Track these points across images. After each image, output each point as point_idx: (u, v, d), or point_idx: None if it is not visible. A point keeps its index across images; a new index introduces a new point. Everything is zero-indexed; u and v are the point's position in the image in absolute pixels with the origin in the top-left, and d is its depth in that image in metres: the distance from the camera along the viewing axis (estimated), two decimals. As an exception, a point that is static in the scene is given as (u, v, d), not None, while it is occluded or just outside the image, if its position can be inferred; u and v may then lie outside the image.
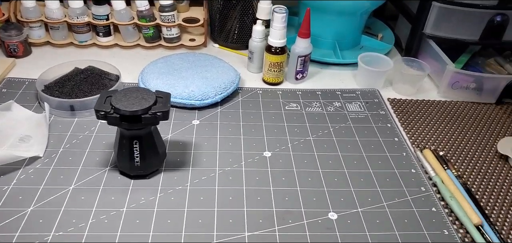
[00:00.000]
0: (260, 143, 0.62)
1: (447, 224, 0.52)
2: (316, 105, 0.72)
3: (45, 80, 0.67)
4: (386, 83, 0.79)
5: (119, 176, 0.54)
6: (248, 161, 0.59)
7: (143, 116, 0.49)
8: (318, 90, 0.76)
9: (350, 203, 0.54)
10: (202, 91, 0.66)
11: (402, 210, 0.53)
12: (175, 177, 0.55)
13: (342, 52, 0.85)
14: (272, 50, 0.73)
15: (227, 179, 0.56)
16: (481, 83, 0.75)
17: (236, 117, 0.67)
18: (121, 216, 0.49)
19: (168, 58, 0.75)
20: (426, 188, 0.57)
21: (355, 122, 0.69)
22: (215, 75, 0.70)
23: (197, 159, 0.58)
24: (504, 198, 0.56)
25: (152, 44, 0.83)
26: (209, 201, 0.52)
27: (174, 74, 0.70)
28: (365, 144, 0.64)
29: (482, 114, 0.74)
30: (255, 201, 0.53)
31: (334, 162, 0.60)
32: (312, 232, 0.49)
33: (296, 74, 0.76)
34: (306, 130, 0.66)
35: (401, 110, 0.73)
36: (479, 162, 0.63)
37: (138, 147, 0.52)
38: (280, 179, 0.56)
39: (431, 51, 0.80)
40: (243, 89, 0.75)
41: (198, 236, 0.47)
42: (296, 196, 0.54)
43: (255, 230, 0.49)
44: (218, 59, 0.76)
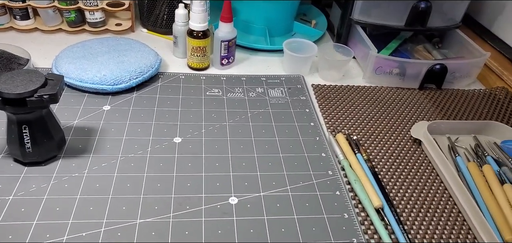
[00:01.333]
0: (171, 129, 0.61)
1: (348, 208, 0.52)
2: (238, 91, 0.71)
3: None
4: (313, 69, 0.79)
5: (12, 163, 0.52)
6: (155, 147, 0.57)
7: (29, 100, 0.47)
8: (243, 76, 0.75)
9: (253, 187, 0.53)
10: (115, 76, 0.64)
11: (305, 193, 0.53)
12: (73, 163, 0.53)
13: (273, 39, 0.84)
14: (194, 35, 0.71)
15: (129, 165, 0.54)
16: (404, 68, 0.76)
17: (151, 103, 0.65)
18: (5, 205, 0.46)
19: (87, 43, 0.72)
20: (333, 172, 0.57)
21: (275, 107, 0.68)
22: (133, 60, 0.68)
23: (100, 146, 0.56)
24: (409, 182, 0.57)
25: (75, 29, 0.80)
26: (104, 188, 0.50)
27: (89, 59, 0.67)
28: (280, 129, 0.63)
29: (404, 99, 0.75)
30: (154, 188, 0.51)
31: (245, 147, 0.59)
32: (209, 217, 0.48)
33: (221, 60, 0.75)
34: (223, 115, 0.65)
35: (323, 96, 0.73)
36: (392, 147, 0.64)
37: (28, 132, 0.49)
38: (185, 165, 0.55)
39: (359, 37, 0.81)
40: (165, 74, 0.73)
41: (86, 223, 0.46)
42: (199, 182, 0.53)
43: (148, 217, 0.48)
44: (140, 44, 0.74)
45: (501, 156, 0.63)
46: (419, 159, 0.62)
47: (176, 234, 0.46)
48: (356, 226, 0.50)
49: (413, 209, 0.53)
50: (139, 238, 0.45)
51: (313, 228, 0.49)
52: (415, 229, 0.51)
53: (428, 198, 0.55)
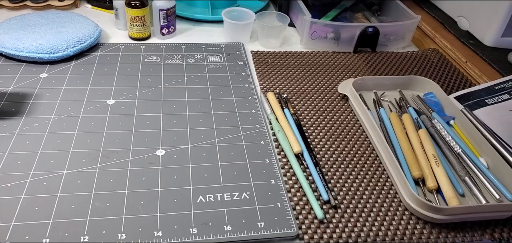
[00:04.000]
0: (106, 92, 0.63)
1: (270, 155, 0.55)
2: (177, 57, 0.74)
3: None
4: (254, 37, 0.82)
5: None
6: (88, 108, 0.59)
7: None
8: (183, 44, 0.78)
9: (181, 141, 0.56)
10: (52, 45, 0.66)
11: (231, 144, 0.56)
12: (4, 125, 0.55)
13: (217, 10, 0.87)
14: (131, 4, 0.73)
15: (61, 125, 0.56)
16: (339, 33, 0.80)
17: (89, 70, 0.67)
18: None
19: (26, 16, 0.73)
20: (261, 125, 0.60)
21: (212, 72, 0.71)
22: (71, 30, 0.70)
23: (34, 108, 0.58)
24: (332, 133, 0.61)
25: (16, 5, 0.81)
26: (34, 144, 0.52)
27: (26, 30, 0.68)
28: (215, 91, 0.66)
29: (338, 62, 0.79)
30: (83, 143, 0.53)
31: (178, 107, 0.62)
32: (134, 167, 0.51)
33: (161, 29, 0.77)
34: (159, 80, 0.67)
35: (261, 61, 0.76)
36: (320, 103, 0.67)
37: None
38: (116, 124, 0.57)
39: (298, 7, 0.84)
40: (105, 44, 0.74)
41: (12, 175, 0.48)
42: (128, 137, 0.55)
43: (74, 168, 0.50)
44: (80, 16, 0.75)
45: (422, 107, 0.68)
46: (344, 113, 0.66)
47: (101, 182, 0.49)
48: (275, 170, 0.53)
49: (332, 155, 0.57)
50: (65, 187, 0.47)
51: (234, 172, 0.52)
52: (332, 172, 0.55)
53: (348, 145, 0.59)
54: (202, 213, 0.46)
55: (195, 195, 0.49)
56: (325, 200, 0.50)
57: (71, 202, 0.46)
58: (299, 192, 0.51)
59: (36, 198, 0.46)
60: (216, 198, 0.49)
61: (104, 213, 0.45)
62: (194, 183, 0.50)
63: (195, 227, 0.45)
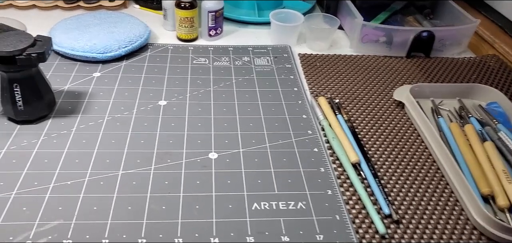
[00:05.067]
0: (157, 93, 0.63)
1: (325, 163, 0.53)
2: (225, 60, 0.73)
3: None
4: (301, 40, 0.80)
5: (6, 122, 0.55)
6: (141, 109, 0.60)
7: (18, 58, 0.50)
8: (230, 46, 0.77)
9: (233, 144, 0.55)
10: (105, 44, 0.67)
11: (283, 150, 0.55)
12: (62, 122, 0.56)
13: (263, 11, 0.86)
14: (181, 5, 0.73)
15: (115, 124, 0.56)
16: (391, 37, 0.76)
17: (139, 70, 0.68)
18: (-3, 157, 0.50)
19: (80, 16, 0.75)
20: (313, 132, 0.58)
21: (260, 74, 0.70)
22: (122, 30, 0.71)
23: (89, 107, 0.59)
24: (390, 142, 0.58)
25: (70, 5, 0.83)
26: (90, 143, 0.53)
27: (81, 30, 0.70)
28: (264, 94, 0.65)
29: (390, 67, 0.75)
30: (137, 144, 0.54)
31: (228, 109, 0.61)
32: (188, 170, 0.51)
33: (209, 31, 0.76)
34: (208, 82, 0.67)
35: (309, 64, 0.74)
36: (374, 110, 0.64)
37: (20, 91, 0.52)
38: (169, 125, 0.57)
39: (347, 9, 0.81)
40: (154, 45, 0.75)
41: (71, 173, 0.48)
42: (181, 139, 0.55)
43: (130, 168, 0.50)
44: (130, 17, 0.76)
45: (485, 117, 0.63)
46: (401, 120, 0.63)
47: (156, 184, 0.48)
48: (331, 179, 0.51)
49: (391, 166, 0.54)
50: (121, 187, 0.48)
51: (289, 180, 0.50)
52: (391, 184, 0.52)
53: (407, 156, 0.56)
54: (257, 221, 0.45)
55: (250, 202, 0.47)
56: (386, 214, 0.48)
57: (128, 203, 0.46)
58: (358, 204, 0.49)
59: (94, 197, 0.46)
60: (271, 206, 0.47)
61: (160, 216, 0.45)
62: (248, 189, 0.49)
63: (251, 235, 0.44)
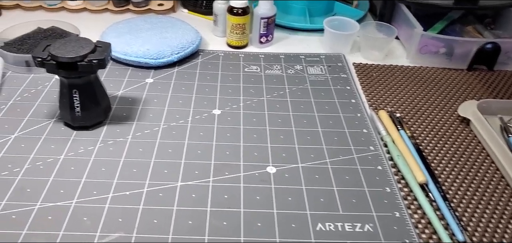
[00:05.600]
0: (211, 102, 0.62)
1: (390, 182, 0.50)
2: (277, 68, 0.71)
3: (5, 38, 0.68)
4: (354, 49, 0.77)
5: (63, 127, 0.55)
6: (196, 117, 0.58)
7: (80, 64, 0.49)
8: (281, 54, 0.75)
9: (291, 158, 0.52)
10: (158, 50, 0.66)
11: (345, 167, 0.52)
12: (118, 129, 0.55)
13: (312, 18, 0.83)
14: (233, 11, 0.71)
15: (170, 133, 0.55)
16: (452, 48, 0.72)
17: (192, 77, 0.66)
18: (57, 163, 0.49)
19: (131, 20, 0.74)
20: (375, 147, 0.55)
21: (314, 84, 0.67)
22: (174, 36, 0.70)
23: (143, 114, 0.58)
24: (456, 161, 0.54)
25: (120, 9, 0.83)
26: (147, 152, 0.52)
27: (132, 34, 0.69)
28: (320, 105, 0.62)
29: (451, 80, 0.71)
30: (194, 154, 0.52)
31: (283, 120, 0.59)
32: (247, 184, 0.49)
33: (260, 38, 0.74)
34: (261, 91, 0.65)
35: (365, 74, 0.71)
36: (437, 125, 0.60)
37: (78, 97, 0.52)
38: (224, 135, 0.56)
39: (403, 17, 0.78)
40: (204, 51, 0.74)
41: (129, 184, 0.47)
42: (237, 150, 0.53)
43: (188, 180, 0.49)
44: (181, 22, 0.75)
45: (561, 139, 0.58)
46: (467, 138, 0.58)
47: (216, 198, 0.47)
48: (398, 200, 0.48)
49: (460, 187, 0.50)
50: (180, 199, 0.46)
51: (353, 200, 0.47)
52: (462, 207, 0.48)
53: (477, 177, 0.52)
54: (324, 244, 0.43)
55: (314, 222, 0.45)
56: (460, 241, 0.44)
57: (188, 217, 0.44)
58: (428, 228, 0.45)
59: (154, 210, 0.45)
60: (337, 227, 0.44)
61: (222, 233, 0.43)
62: (311, 207, 0.46)
63: (319, 259, 0.41)
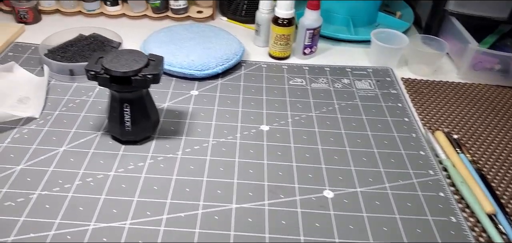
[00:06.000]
0: (258, 116, 0.59)
1: (455, 211, 0.47)
2: (322, 81, 0.68)
3: (48, 45, 0.67)
4: (401, 62, 0.74)
5: (111, 141, 0.53)
6: (244, 133, 0.56)
7: (133, 78, 0.48)
8: (326, 66, 0.72)
9: (348, 182, 0.50)
10: (203, 61, 0.64)
11: (405, 192, 0.49)
12: (167, 145, 0.54)
13: (356, 29, 0.80)
14: (278, 22, 0.69)
15: (220, 150, 0.53)
16: (508, 64, 0.68)
17: (236, 90, 0.65)
18: (107, 180, 0.48)
19: (172, 28, 0.73)
20: (435, 172, 0.52)
21: (364, 99, 0.64)
22: (218, 46, 0.68)
23: (191, 129, 0.56)
24: (523, 188, 0.51)
25: (159, 15, 0.81)
26: (198, 170, 0.50)
27: (176, 44, 0.68)
28: (372, 123, 0.60)
29: (507, 98, 0.67)
30: (246, 174, 0.50)
31: (335, 139, 0.56)
32: (305, 209, 0.46)
33: (304, 49, 0.72)
34: (309, 106, 0.62)
35: (415, 90, 0.68)
36: (498, 148, 0.57)
37: (129, 111, 0.50)
38: (275, 154, 0.53)
39: (453, 30, 0.74)
40: (247, 62, 0.72)
41: (183, 204, 0.46)
42: (290, 171, 0.51)
43: (243, 202, 0.46)
44: (223, 31, 0.73)
45: None
46: (531, 164, 0.55)
47: (273, 223, 0.44)
48: (466, 231, 0.45)
49: (530, 219, 0.48)
50: (237, 223, 0.44)
51: (417, 230, 0.45)
52: (535, 242, 0.45)
53: (547, 208, 0.49)
54: (393, 279, 0.40)
55: (379, 253, 0.43)
56: (537, 280, 0.41)
57: (247, 244, 0.43)
58: (501, 264, 0.43)
59: (210, 234, 0.43)
60: (404, 260, 0.42)
61: (284, 263, 0.41)
62: (374, 237, 0.44)
63: None
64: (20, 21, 0.77)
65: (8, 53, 0.69)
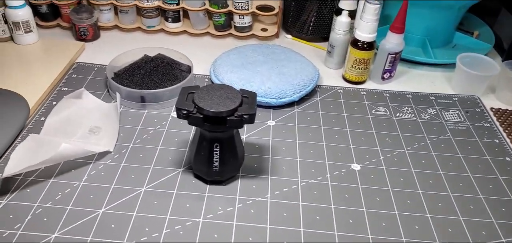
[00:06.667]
0: (346, 153, 0.55)
1: None
2: (407, 111, 0.63)
3: (114, 67, 0.64)
4: (486, 89, 0.68)
5: (194, 180, 0.49)
6: (334, 173, 0.52)
7: (229, 119, 0.43)
8: (408, 93, 0.67)
9: (460, 235, 0.45)
10: (280, 89, 0.60)
11: (526, 250, 0.44)
12: (253, 185, 0.49)
13: (432, 50, 0.74)
14: (358, 45, 0.64)
15: (311, 193, 0.49)
16: None
17: (316, 120, 0.60)
18: (198, 228, 0.44)
19: (241, 50, 0.69)
20: (554, 225, 0.47)
21: (456, 134, 0.59)
22: (293, 71, 0.63)
23: (276, 167, 0.52)
24: None
25: (222, 33, 0.77)
26: (293, 218, 0.45)
27: (248, 68, 0.63)
28: (471, 163, 0.54)
29: None
30: (346, 224, 0.45)
31: (435, 182, 0.51)
32: (418, 269, 0.42)
33: (383, 74, 0.67)
34: (398, 140, 0.57)
35: (510, 123, 0.62)
36: None
37: (218, 151, 0.46)
38: (373, 200, 0.48)
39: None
40: (321, 87, 0.67)
41: (283, 260, 0.42)
42: (394, 222, 0.46)
43: (349, 259, 0.42)
44: (294, 53, 0.69)
45: None
46: None
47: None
48: None
49: None
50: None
51: None
52: None
53: None
54: None
55: None
56: None
57: None
58: None
59: None
60: None
61: None
62: None
63: None
64: (80, 39, 0.74)
65: (72, 75, 0.66)
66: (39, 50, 0.70)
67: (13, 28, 0.69)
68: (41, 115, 0.57)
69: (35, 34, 0.71)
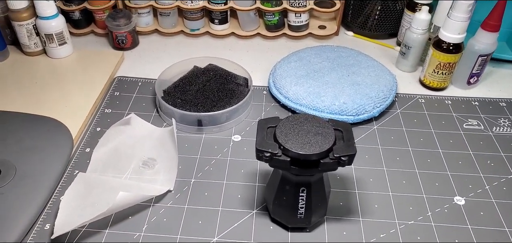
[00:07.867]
0: (444, 182, 0.46)
1: None
2: (504, 123, 0.54)
3: (162, 81, 0.56)
4: None
5: (272, 225, 0.42)
6: (436, 210, 0.43)
7: (322, 162, 0.36)
8: (500, 100, 0.57)
9: None
10: (357, 104, 0.51)
11: None
12: (343, 231, 0.42)
13: (519, 44, 0.64)
14: (443, 47, 0.55)
15: (414, 238, 0.41)
16: None
17: (401, 139, 0.51)
18: (287, 291, 0.37)
19: (302, 55, 0.60)
20: None
21: None
22: (368, 80, 0.54)
23: (366, 204, 0.44)
24: None
25: (274, 34, 0.69)
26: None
27: (315, 79, 0.55)
28: None
29: None
30: (463, 279, 0.38)
31: (559, 218, 0.43)
32: None
33: (469, 78, 0.58)
34: (503, 163, 0.48)
35: None
36: None
37: (305, 196, 0.39)
38: None
39: None
40: (399, 96, 0.58)
41: None
42: (519, 273, 0.39)
43: None
44: (364, 56, 0.59)
45: None
46: None
47: None
48: None
49: None
50: None
51: None
52: None
53: None
54: None
55: None
56: None
57: None
58: None
59: None
60: None
61: None
62: None
63: None
64: (118, 47, 0.66)
65: (114, 93, 0.58)
66: (75, 64, 0.63)
67: (46, 40, 0.61)
68: (86, 146, 0.50)
69: (70, 45, 0.64)
